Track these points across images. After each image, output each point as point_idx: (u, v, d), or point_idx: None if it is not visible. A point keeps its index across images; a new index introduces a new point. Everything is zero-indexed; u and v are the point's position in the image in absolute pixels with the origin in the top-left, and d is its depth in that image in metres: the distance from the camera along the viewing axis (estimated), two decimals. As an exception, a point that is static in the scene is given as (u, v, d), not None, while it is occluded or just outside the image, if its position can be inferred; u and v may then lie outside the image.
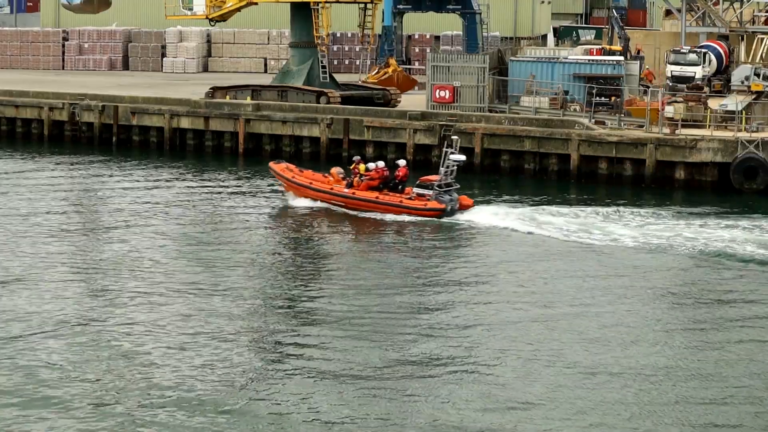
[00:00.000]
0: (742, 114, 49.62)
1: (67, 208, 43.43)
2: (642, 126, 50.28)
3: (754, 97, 51.34)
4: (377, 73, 64.94)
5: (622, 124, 51.13)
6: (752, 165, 47.40)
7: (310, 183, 43.33)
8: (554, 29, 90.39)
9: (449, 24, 78.21)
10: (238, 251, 36.36)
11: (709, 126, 49.54)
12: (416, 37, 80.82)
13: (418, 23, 79.45)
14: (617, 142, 49.48)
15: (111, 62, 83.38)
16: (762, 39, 59.31)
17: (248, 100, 58.16)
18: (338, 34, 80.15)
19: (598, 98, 53.02)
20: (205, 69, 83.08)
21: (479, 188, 48.49)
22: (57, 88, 65.14)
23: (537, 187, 49.11)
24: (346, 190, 42.33)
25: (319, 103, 57.72)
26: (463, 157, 42.05)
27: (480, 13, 68.91)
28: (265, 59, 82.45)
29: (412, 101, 60.48)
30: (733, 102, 50.58)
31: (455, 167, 41.66)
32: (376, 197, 41.72)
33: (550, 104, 54.90)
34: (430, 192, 41.29)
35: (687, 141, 48.40)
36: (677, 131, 49.06)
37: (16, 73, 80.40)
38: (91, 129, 60.59)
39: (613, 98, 54.67)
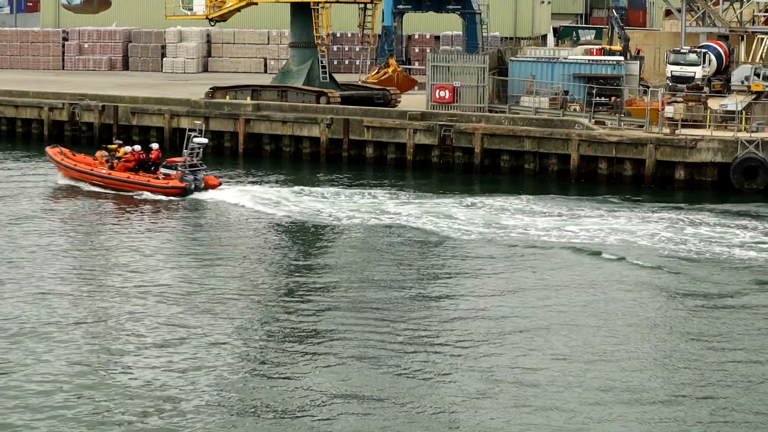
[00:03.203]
0: (742, 114, 49.63)
1: (65, 208, 43.44)
2: (642, 126, 50.28)
3: (754, 97, 51.34)
4: (377, 73, 64.96)
5: (622, 124, 51.12)
6: (752, 165, 47.41)
7: (75, 165, 47.32)
8: (554, 29, 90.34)
9: (449, 24, 78.20)
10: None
11: (709, 126, 49.53)
12: (416, 37, 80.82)
13: (418, 23, 79.44)
14: (617, 142, 49.48)
15: (111, 62, 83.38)
16: (762, 39, 59.32)
17: (248, 100, 58.16)
18: (338, 34, 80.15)
19: (598, 98, 53.01)
20: (205, 69, 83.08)
21: (478, 187, 48.51)
22: (57, 88, 65.14)
23: (537, 187, 49.06)
24: (103, 171, 46.24)
25: (319, 103, 57.71)
26: (205, 140, 46.27)
27: (480, 13, 68.93)
28: (265, 59, 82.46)
29: (412, 101, 60.45)
30: (733, 102, 50.57)
31: (200, 149, 45.75)
32: (128, 177, 45.84)
33: (550, 104, 54.88)
34: (175, 172, 45.16)
35: (687, 141, 48.39)
36: (677, 131, 49.06)
37: (16, 73, 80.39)
38: (91, 129, 60.61)
39: (613, 98, 54.66)
